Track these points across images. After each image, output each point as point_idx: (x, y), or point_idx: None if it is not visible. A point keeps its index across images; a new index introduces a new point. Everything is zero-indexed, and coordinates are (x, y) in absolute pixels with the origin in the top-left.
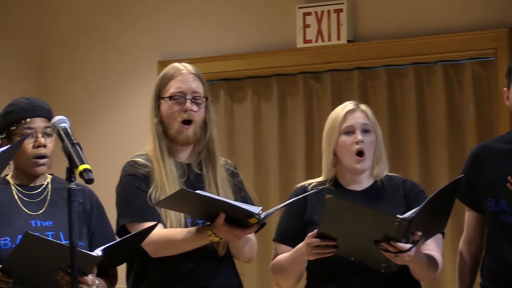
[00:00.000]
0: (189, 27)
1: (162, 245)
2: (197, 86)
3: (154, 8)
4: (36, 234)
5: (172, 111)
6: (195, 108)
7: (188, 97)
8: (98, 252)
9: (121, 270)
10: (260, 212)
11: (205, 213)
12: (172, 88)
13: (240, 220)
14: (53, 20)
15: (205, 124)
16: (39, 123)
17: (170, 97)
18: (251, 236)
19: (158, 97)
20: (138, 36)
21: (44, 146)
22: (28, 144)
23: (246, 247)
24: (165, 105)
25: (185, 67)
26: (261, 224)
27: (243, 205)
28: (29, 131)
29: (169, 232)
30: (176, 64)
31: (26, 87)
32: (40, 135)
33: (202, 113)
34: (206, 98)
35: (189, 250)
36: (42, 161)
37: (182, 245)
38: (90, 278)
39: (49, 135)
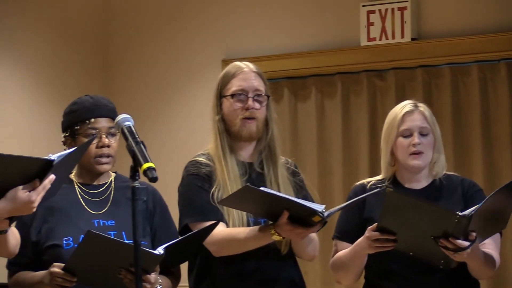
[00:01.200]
0: (253, 26)
1: (225, 245)
2: (259, 84)
3: (219, 7)
4: (98, 232)
5: (234, 109)
6: (257, 106)
7: (250, 95)
8: (160, 250)
9: (183, 268)
10: (324, 210)
11: (268, 211)
12: (234, 86)
13: (303, 219)
14: (117, 19)
15: (266, 122)
16: (103, 123)
17: (232, 95)
18: (314, 235)
19: (220, 95)
20: (202, 35)
21: (108, 146)
22: (92, 143)
23: (309, 246)
24: (227, 103)
25: (247, 66)
26: (323, 222)
27: (306, 203)
28: (93, 131)
29: (232, 231)
30: (238, 63)
31: (91, 86)
32: (104, 136)
33: (264, 111)
34: (268, 96)
35: (252, 249)
36: (105, 159)
37: (245, 244)
38: (153, 276)
39: (113, 134)
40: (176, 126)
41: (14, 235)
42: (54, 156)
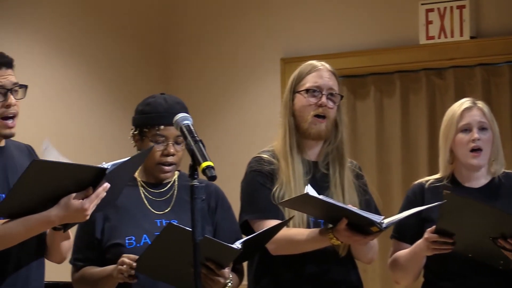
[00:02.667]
0: (312, 24)
1: (283, 244)
2: (333, 83)
3: (278, 5)
4: (178, 224)
5: (308, 104)
6: (330, 104)
7: (324, 92)
8: (238, 244)
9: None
10: (382, 222)
11: (327, 216)
12: (309, 82)
13: (362, 227)
14: (177, 19)
15: (336, 124)
16: (172, 130)
17: (307, 91)
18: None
19: (293, 91)
20: (261, 33)
21: (173, 155)
22: (157, 151)
23: (368, 250)
24: (300, 98)
25: (323, 64)
26: (385, 229)
27: (365, 213)
28: (161, 138)
29: (291, 232)
30: (313, 61)
31: (150, 84)
32: (171, 144)
33: (335, 111)
34: (341, 96)
35: (310, 250)
36: (168, 168)
37: (303, 246)
38: (226, 271)
39: (180, 143)
40: (235, 125)
41: (68, 241)
42: (107, 165)
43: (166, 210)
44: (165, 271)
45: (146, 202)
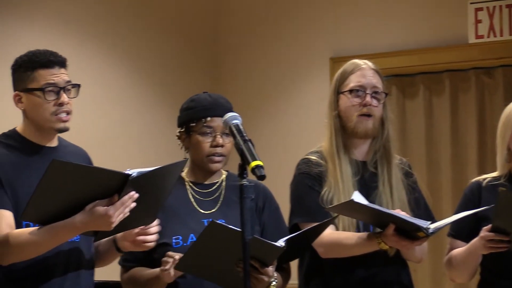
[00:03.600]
0: (361, 24)
1: (332, 248)
2: (377, 82)
3: (327, 5)
4: (221, 223)
5: (352, 105)
6: (374, 102)
7: (368, 91)
8: (281, 243)
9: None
10: (429, 227)
11: (375, 220)
12: (353, 82)
13: (409, 231)
14: (226, 18)
15: (382, 121)
16: (219, 122)
17: (350, 91)
18: None
19: (338, 91)
20: (310, 33)
21: (222, 146)
22: (206, 143)
23: (417, 250)
24: (344, 99)
25: (366, 63)
26: (431, 235)
27: (412, 219)
28: (208, 129)
29: (340, 236)
30: (356, 60)
31: (200, 84)
32: (219, 135)
33: (380, 109)
34: (386, 94)
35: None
36: (217, 158)
37: (351, 250)
38: (270, 269)
39: (227, 134)
40: (284, 124)
41: None
42: (132, 171)
43: (213, 210)
44: (209, 269)
45: (193, 201)
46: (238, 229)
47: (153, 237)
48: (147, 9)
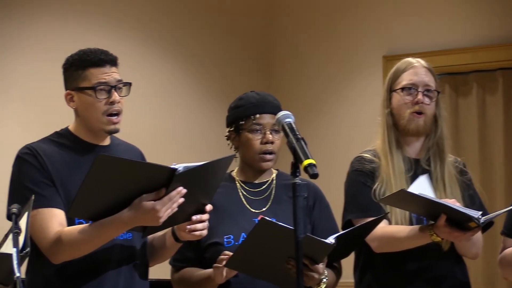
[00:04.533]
0: (414, 22)
1: (385, 242)
2: (430, 80)
3: (380, 3)
4: (271, 220)
5: (404, 102)
6: (426, 100)
7: (420, 89)
8: (331, 240)
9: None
10: (480, 217)
11: (427, 212)
12: (405, 80)
13: (461, 222)
14: (279, 16)
15: (435, 119)
16: (268, 119)
17: (402, 89)
18: (478, 234)
19: (390, 89)
20: (363, 31)
21: (272, 142)
22: (256, 140)
23: (472, 246)
24: (396, 97)
25: (418, 61)
26: (482, 225)
27: (462, 209)
28: (257, 127)
29: (392, 229)
30: (409, 59)
31: (253, 82)
32: (268, 132)
33: (433, 107)
34: (438, 92)
35: (412, 247)
36: (268, 156)
37: (404, 243)
38: (321, 267)
39: (277, 131)
40: (337, 122)
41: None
42: (178, 166)
43: (264, 209)
44: (258, 267)
45: (244, 200)
46: (288, 226)
47: (202, 225)
48: (199, 8)
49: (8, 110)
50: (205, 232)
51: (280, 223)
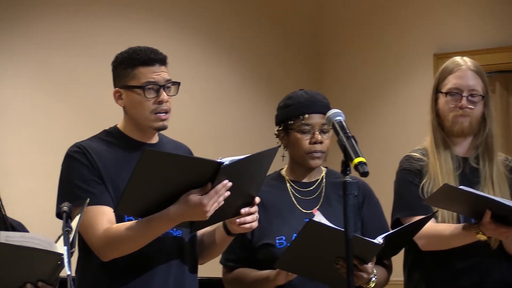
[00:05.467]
0: (465, 19)
1: (432, 240)
2: (475, 84)
3: (431, 2)
4: (319, 221)
5: (448, 107)
6: (470, 106)
7: (465, 94)
8: (379, 239)
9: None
10: None
11: (472, 210)
12: (450, 83)
13: (508, 218)
14: (328, 14)
15: (483, 118)
16: (317, 119)
17: (447, 93)
18: None
19: (437, 90)
20: (413, 29)
21: (321, 142)
22: (305, 140)
23: None
24: (442, 99)
25: (465, 63)
26: None
27: (508, 202)
28: (306, 127)
29: (438, 227)
30: (457, 59)
31: (302, 80)
32: (317, 132)
33: (479, 108)
34: (483, 96)
35: (458, 246)
36: (317, 155)
37: (450, 241)
38: (369, 266)
39: (325, 131)
40: (388, 121)
41: None
42: (225, 159)
43: (315, 208)
44: (308, 267)
45: (294, 200)
46: (336, 227)
47: (252, 217)
48: (250, 9)
49: (57, 108)
50: (255, 224)
51: (327, 224)
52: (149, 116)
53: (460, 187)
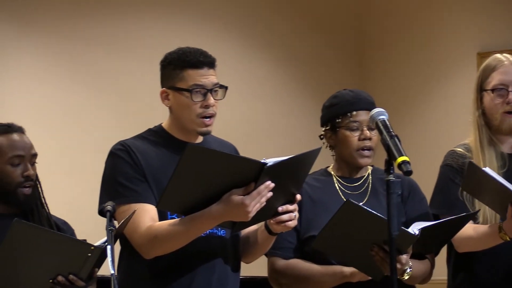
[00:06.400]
0: (508, 17)
1: (463, 242)
2: None
3: (474, 0)
4: (356, 203)
5: (495, 104)
6: None
7: (511, 89)
8: (415, 230)
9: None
10: None
11: (500, 203)
12: (494, 80)
13: None
14: (371, 13)
15: None
16: (364, 116)
17: (493, 90)
18: None
19: (480, 89)
20: (457, 28)
21: (370, 139)
22: (354, 137)
23: None
24: (487, 97)
25: (507, 58)
26: None
27: None
28: (354, 124)
29: (467, 229)
30: (498, 55)
31: (346, 80)
32: (365, 128)
33: None
34: None
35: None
36: (367, 152)
37: (478, 243)
38: (404, 257)
39: (373, 128)
40: (432, 120)
41: None
42: (269, 160)
43: (362, 203)
44: (343, 251)
45: (341, 194)
46: (372, 211)
47: (289, 216)
48: (294, 7)
49: (104, 107)
50: (293, 223)
51: (364, 207)
52: (194, 120)
53: (484, 168)
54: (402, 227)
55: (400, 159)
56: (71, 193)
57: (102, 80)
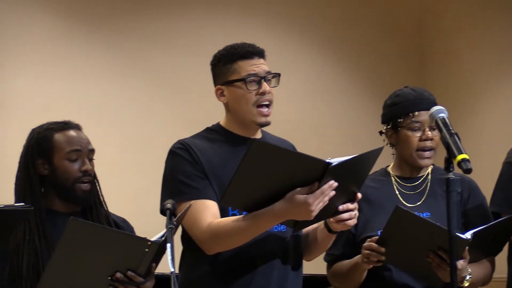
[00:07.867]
0: None
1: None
2: None
3: None
4: (406, 209)
5: None
6: None
7: None
8: (468, 235)
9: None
10: None
11: None
12: None
13: None
14: (432, 8)
15: None
16: (426, 116)
17: None
18: None
19: None
20: None
21: (431, 139)
22: (415, 137)
23: None
24: None
25: None
26: None
27: None
28: (416, 124)
29: None
30: None
31: (406, 76)
32: (427, 129)
33: None
34: None
35: None
36: (427, 153)
37: None
38: (461, 263)
39: (435, 128)
40: (491, 117)
41: None
42: (334, 160)
43: (419, 203)
44: (401, 257)
45: (398, 195)
46: (426, 218)
47: (349, 214)
48: (355, 3)
49: (158, 106)
50: (352, 222)
51: (416, 214)
52: (251, 110)
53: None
54: (458, 234)
55: (459, 157)
56: (132, 192)
57: (160, 77)
